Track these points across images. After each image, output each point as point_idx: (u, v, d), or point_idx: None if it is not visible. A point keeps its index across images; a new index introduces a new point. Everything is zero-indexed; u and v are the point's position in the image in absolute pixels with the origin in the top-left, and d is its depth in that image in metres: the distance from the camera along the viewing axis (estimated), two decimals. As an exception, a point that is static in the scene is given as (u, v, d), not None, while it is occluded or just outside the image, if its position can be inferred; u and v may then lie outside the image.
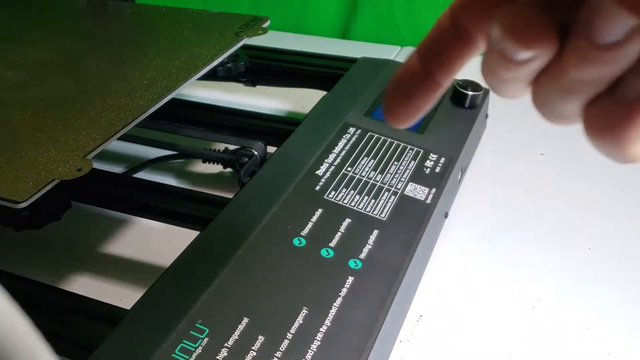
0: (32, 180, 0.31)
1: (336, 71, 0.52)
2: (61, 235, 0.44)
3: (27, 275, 0.35)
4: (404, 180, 0.39)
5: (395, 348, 0.34)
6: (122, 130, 0.36)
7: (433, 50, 0.19)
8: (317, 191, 0.37)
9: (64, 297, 0.33)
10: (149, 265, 0.42)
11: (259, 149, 0.45)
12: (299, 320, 0.29)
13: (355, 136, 0.42)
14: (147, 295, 0.30)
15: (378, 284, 0.32)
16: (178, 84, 0.40)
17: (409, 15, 0.74)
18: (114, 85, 0.41)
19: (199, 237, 0.34)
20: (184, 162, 0.52)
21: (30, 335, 0.15)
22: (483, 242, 0.42)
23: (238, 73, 0.52)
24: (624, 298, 0.37)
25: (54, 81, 0.42)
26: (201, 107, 0.52)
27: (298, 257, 0.32)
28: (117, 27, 0.53)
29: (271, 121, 0.50)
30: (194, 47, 0.46)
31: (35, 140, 0.35)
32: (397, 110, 0.20)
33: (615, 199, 0.46)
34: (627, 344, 0.34)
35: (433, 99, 0.20)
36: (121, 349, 0.27)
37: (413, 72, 0.20)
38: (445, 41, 0.19)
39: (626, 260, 0.40)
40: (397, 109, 0.20)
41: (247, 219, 0.35)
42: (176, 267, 0.32)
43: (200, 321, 0.28)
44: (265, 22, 0.49)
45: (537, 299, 0.37)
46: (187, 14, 0.52)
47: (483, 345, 0.34)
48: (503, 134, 0.53)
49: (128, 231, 0.45)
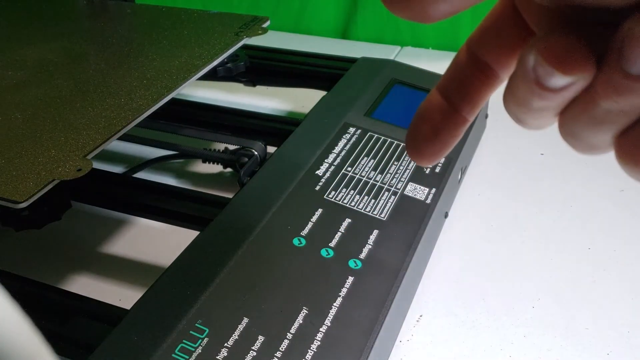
0: (32, 180, 0.31)
1: (336, 71, 0.52)
2: (61, 235, 0.44)
3: (27, 275, 0.35)
4: (404, 180, 0.39)
5: (395, 348, 0.34)
6: (122, 130, 0.36)
7: (455, 86, 0.19)
8: (317, 191, 0.37)
9: (64, 297, 0.33)
10: (149, 265, 0.42)
11: (259, 149, 0.45)
12: (299, 320, 0.29)
13: (355, 136, 0.42)
14: (147, 295, 0.30)
15: (378, 284, 0.32)
16: (178, 84, 0.40)
17: (409, 15, 0.74)
18: (114, 85, 0.41)
19: (199, 237, 0.34)
20: (184, 162, 0.52)
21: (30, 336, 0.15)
22: (483, 242, 0.42)
23: (238, 73, 0.52)
24: (624, 298, 0.37)
25: (54, 81, 0.42)
26: (201, 107, 0.52)
27: (298, 257, 0.32)
28: (117, 27, 0.53)
29: (271, 121, 0.50)
30: (194, 47, 0.46)
31: (35, 140, 0.35)
32: (424, 149, 0.20)
33: (615, 199, 0.46)
34: (627, 344, 0.34)
35: (460, 134, 0.20)
36: (121, 349, 0.27)
37: (437, 109, 0.19)
38: (466, 76, 0.19)
39: (626, 260, 0.40)
40: (424, 147, 0.20)
41: (247, 219, 0.35)
42: (176, 267, 0.32)
43: (200, 321, 0.28)
44: (265, 22, 0.49)
45: (537, 299, 0.37)
46: (187, 14, 0.52)
47: (483, 345, 0.34)
48: (503, 134, 0.53)
49: (128, 231, 0.45)
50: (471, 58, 0.19)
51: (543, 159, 0.51)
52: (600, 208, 0.45)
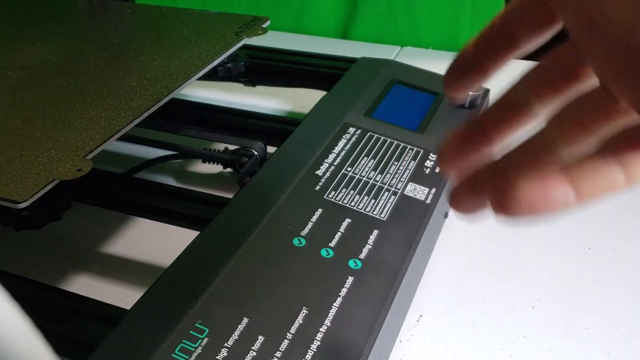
0: (32, 180, 0.31)
1: (336, 71, 0.52)
2: (61, 235, 0.44)
3: (27, 275, 0.35)
4: (404, 180, 0.39)
5: (395, 348, 0.34)
6: (122, 130, 0.36)
7: (498, 119, 0.21)
8: (317, 191, 0.37)
9: (64, 297, 0.33)
10: (149, 265, 0.42)
11: (259, 149, 0.45)
12: (299, 320, 0.29)
13: (355, 136, 0.42)
14: (147, 295, 0.30)
15: (378, 284, 0.32)
16: (178, 84, 0.40)
17: (408, 15, 0.74)
18: (114, 85, 0.41)
19: (199, 237, 0.34)
20: (184, 162, 0.52)
21: (30, 335, 0.15)
22: (483, 242, 0.42)
23: (238, 73, 0.52)
24: (624, 298, 0.37)
25: (54, 81, 0.42)
26: (201, 107, 0.52)
27: (298, 257, 0.32)
28: (117, 27, 0.53)
29: (271, 121, 0.50)
30: (194, 47, 0.46)
31: (35, 140, 0.35)
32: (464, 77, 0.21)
33: (615, 199, 0.45)
34: (627, 344, 0.34)
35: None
36: (121, 349, 0.27)
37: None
38: (511, 112, 0.21)
39: (626, 260, 0.40)
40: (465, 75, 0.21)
41: (247, 219, 0.35)
42: (176, 267, 0.32)
43: (200, 321, 0.28)
44: (265, 22, 0.49)
45: (537, 299, 0.37)
46: (187, 14, 0.52)
47: (483, 345, 0.34)
48: (503, 134, 0.53)
49: (128, 231, 0.45)
50: (521, 97, 0.20)
51: (543, 159, 0.51)
52: (600, 208, 0.45)
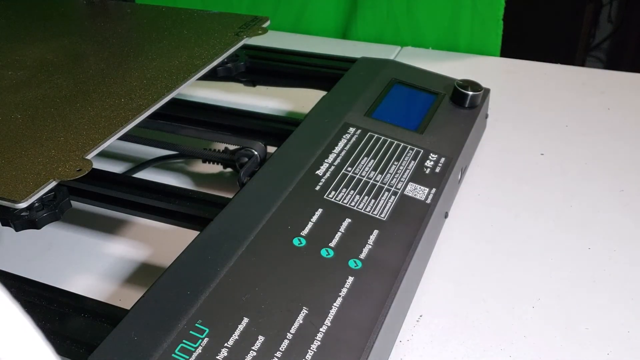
0: (32, 180, 0.31)
1: (336, 71, 0.52)
2: (61, 235, 0.44)
3: (27, 275, 0.35)
4: (404, 180, 0.39)
5: (395, 348, 0.34)
6: (122, 130, 0.36)
7: None
8: (317, 191, 0.37)
9: (64, 297, 0.33)
10: (149, 265, 0.42)
11: (259, 149, 0.45)
12: (299, 320, 0.29)
13: (355, 136, 0.42)
14: (147, 295, 0.30)
15: (378, 284, 0.32)
16: (178, 84, 0.40)
17: (408, 15, 0.74)
18: (114, 85, 0.41)
19: (199, 237, 0.34)
20: (184, 162, 0.52)
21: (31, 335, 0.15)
22: (483, 242, 0.42)
23: (238, 73, 0.52)
24: (624, 298, 0.37)
25: (54, 81, 0.42)
26: (201, 107, 0.52)
27: (298, 257, 0.32)
28: (117, 27, 0.53)
29: (271, 121, 0.50)
30: (194, 47, 0.46)
31: (35, 140, 0.35)
32: None
33: (615, 198, 0.46)
34: (627, 344, 0.34)
35: None
36: (121, 349, 0.27)
37: None
38: None
39: (626, 260, 0.40)
40: None
41: (247, 219, 0.35)
42: (176, 267, 0.32)
43: (200, 321, 0.28)
44: (265, 22, 0.49)
45: (537, 299, 0.37)
46: (187, 14, 0.52)
47: (483, 345, 0.34)
48: (503, 134, 0.53)
49: (128, 231, 0.45)
50: None
51: (543, 159, 0.51)
52: (600, 208, 0.45)
